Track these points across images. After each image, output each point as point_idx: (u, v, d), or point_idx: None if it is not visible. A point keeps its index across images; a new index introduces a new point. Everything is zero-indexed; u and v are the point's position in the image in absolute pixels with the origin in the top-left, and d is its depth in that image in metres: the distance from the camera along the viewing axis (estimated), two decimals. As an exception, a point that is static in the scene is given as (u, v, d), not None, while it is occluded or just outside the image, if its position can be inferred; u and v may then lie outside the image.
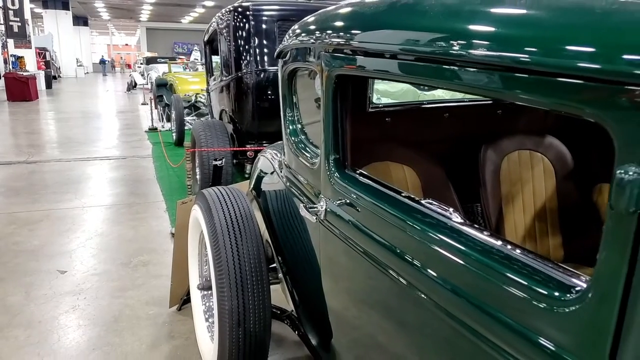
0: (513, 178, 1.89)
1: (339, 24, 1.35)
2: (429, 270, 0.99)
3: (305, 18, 1.61)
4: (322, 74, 1.35)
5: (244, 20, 4.44)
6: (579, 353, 0.69)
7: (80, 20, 37.49)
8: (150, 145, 8.06)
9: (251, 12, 4.44)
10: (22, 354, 2.43)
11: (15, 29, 16.45)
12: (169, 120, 9.16)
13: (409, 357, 1.14)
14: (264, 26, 4.47)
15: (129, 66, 39.65)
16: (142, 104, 14.23)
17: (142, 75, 20.14)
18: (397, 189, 1.16)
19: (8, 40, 16.92)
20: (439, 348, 1.01)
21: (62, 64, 30.08)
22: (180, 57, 25.41)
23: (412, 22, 1.03)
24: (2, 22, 16.72)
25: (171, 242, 3.51)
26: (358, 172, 1.32)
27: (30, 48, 19.56)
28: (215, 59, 5.57)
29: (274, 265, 2.17)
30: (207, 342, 2.19)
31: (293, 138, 1.72)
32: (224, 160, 3.94)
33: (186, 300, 2.77)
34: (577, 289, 0.71)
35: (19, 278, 3.22)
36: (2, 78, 15.34)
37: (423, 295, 1.00)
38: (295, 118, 1.72)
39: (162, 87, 10.13)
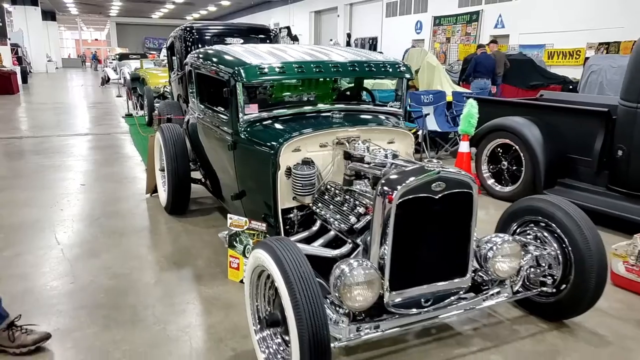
0: None
1: (197, 57, 4.29)
2: (219, 128, 3.91)
3: (193, 53, 4.53)
4: (193, 72, 4.31)
5: (191, 35, 7.34)
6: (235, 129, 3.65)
7: (47, 15, 39.55)
8: (127, 126, 10.89)
9: (195, 30, 7.36)
10: (74, 209, 5.29)
11: (-3, 29, 18.98)
12: (142, 108, 11.96)
13: (225, 169, 4.09)
14: (205, 38, 7.38)
15: (99, 61, 41.91)
16: (117, 97, 16.96)
17: (114, 70, 22.65)
18: (213, 107, 4.10)
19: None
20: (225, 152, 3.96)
21: (33, 60, 32.40)
22: (151, 52, 28.13)
23: (209, 60, 4.01)
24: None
25: (145, 174, 6.34)
26: (204, 102, 4.27)
27: (6, 45, 22.11)
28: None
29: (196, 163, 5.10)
30: (163, 195, 5.10)
31: (191, 95, 4.64)
32: (172, 116, 6.96)
33: (154, 191, 5.63)
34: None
35: (57, 187, 6.07)
36: (-14, 74, 17.86)
37: (226, 137, 3.92)
38: (193, 88, 4.62)
39: (136, 81, 12.92)
